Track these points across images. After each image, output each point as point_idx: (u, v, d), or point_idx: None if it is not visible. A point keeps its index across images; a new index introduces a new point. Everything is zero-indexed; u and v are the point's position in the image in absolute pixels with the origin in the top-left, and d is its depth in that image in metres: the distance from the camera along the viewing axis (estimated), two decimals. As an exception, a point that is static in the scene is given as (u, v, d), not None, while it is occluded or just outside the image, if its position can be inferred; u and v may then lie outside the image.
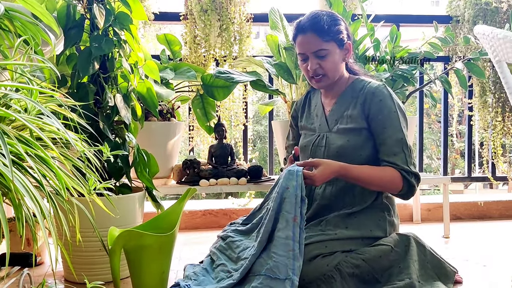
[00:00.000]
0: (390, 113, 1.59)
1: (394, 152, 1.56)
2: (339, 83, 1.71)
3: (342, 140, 1.63)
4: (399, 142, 1.56)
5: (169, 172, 2.25)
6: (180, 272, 1.75)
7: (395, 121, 1.58)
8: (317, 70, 1.64)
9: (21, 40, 1.11)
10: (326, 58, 1.63)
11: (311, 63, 1.64)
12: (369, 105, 1.61)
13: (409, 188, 1.56)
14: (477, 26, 1.67)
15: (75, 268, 1.59)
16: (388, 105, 1.59)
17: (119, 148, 1.64)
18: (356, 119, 1.63)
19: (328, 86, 1.71)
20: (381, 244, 1.51)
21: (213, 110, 2.28)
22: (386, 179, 1.55)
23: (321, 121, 1.72)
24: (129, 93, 1.72)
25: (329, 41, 1.62)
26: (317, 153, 1.69)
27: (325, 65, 1.64)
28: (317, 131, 1.73)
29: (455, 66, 2.25)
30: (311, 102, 1.83)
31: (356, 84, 1.69)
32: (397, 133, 1.57)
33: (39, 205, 0.97)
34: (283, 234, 1.43)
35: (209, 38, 2.46)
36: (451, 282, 1.54)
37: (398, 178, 1.55)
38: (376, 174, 1.56)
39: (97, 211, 1.40)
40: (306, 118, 1.81)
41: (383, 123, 1.58)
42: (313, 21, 1.63)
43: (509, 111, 2.77)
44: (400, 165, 1.55)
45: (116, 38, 1.65)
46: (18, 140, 0.99)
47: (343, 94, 1.70)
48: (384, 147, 1.58)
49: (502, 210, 2.78)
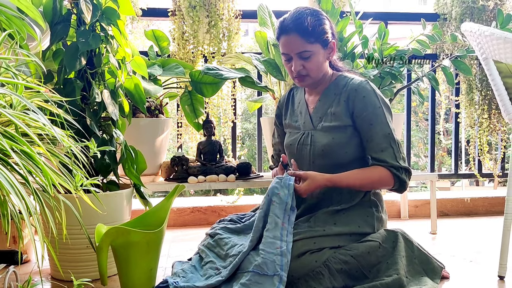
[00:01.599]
0: (375, 109, 1.59)
1: (382, 148, 1.56)
2: (323, 80, 1.71)
3: (327, 138, 1.63)
4: (386, 138, 1.57)
5: (157, 169, 2.24)
6: (168, 269, 1.75)
7: (380, 117, 1.58)
8: (300, 71, 1.63)
9: (6, 34, 1.09)
10: (310, 59, 1.62)
11: (294, 64, 1.63)
12: (353, 102, 1.61)
13: (400, 184, 1.58)
14: (464, 23, 1.68)
15: (62, 265, 1.58)
16: (373, 101, 1.60)
17: (106, 144, 1.63)
18: (340, 116, 1.63)
19: (312, 85, 1.70)
20: (369, 240, 1.52)
21: (202, 107, 2.28)
22: (376, 180, 1.57)
23: (305, 118, 1.72)
24: (116, 89, 1.70)
25: (313, 42, 1.60)
26: (302, 152, 1.69)
27: (308, 66, 1.62)
28: (302, 129, 1.73)
29: (443, 64, 2.27)
30: (295, 99, 1.83)
31: (339, 80, 1.69)
32: (384, 129, 1.58)
33: (25, 202, 0.96)
34: (271, 234, 1.46)
35: (197, 34, 2.45)
36: (438, 278, 1.55)
37: (388, 176, 1.56)
38: (365, 177, 1.57)
39: (84, 208, 1.39)
40: (290, 116, 1.80)
41: (369, 119, 1.59)
42: (297, 22, 1.59)
43: (495, 109, 2.80)
44: (389, 162, 1.55)
45: (103, 33, 1.63)
46: (3, 136, 0.98)
47: (326, 91, 1.70)
48: (372, 144, 1.58)
49: (488, 207, 2.81)
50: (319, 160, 1.65)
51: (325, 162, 1.63)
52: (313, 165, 1.66)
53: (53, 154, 1.20)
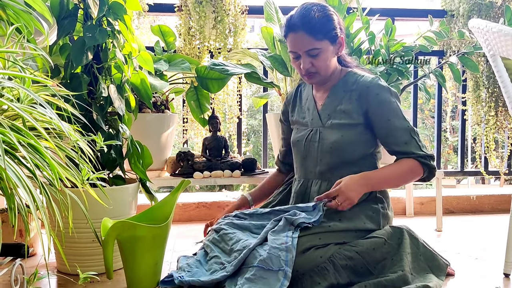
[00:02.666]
0: (391, 104, 1.58)
1: (405, 141, 1.56)
2: (332, 77, 1.70)
3: (336, 135, 1.63)
4: (406, 130, 1.57)
5: (163, 164, 2.25)
6: (174, 263, 1.75)
7: (397, 111, 1.58)
8: (309, 69, 1.62)
9: (13, 28, 1.10)
10: (318, 56, 1.60)
11: (303, 62, 1.61)
12: (366, 100, 1.60)
13: (429, 171, 1.57)
14: (472, 20, 1.67)
15: (68, 259, 1.59)
16: (387, 97, 1.59)
17: (112, 139, 1.63)
18: (351, 114, 1.62)
19: (321, 82, 1.70)
20: (375, 237, 1.51)
21: (207, 103, 2.28)
22: (408, 172, 1.57)
23: (313, 115, 1.71)
24: (123, 84, 1.70)
25: (321, 39, 1.58)
26: (310, 149, 1.68)
27: (317, 63, 1.61)
28: (310, 125, 1.72)
29: (450, 60, 2.25)
30: (302, 96, 1.82)
31: (349, 77, 1.68)
32: (402, 123, 1.57)
33: (32, 195, 0.96)
34: (278, 229, 1.47)
35: (203, 30, 2.45)
36: (443, 275, 1.55)
37: (417, 166, 1.56)
38: (398, 171, 1.57)
39: (90, 202, 1.39)
40: (298, 112, 1.80)
41: (386, 115, 1.58)
42: (304, 19, 1.58)
43: (502, 106, 2.79)
44: (415, 152, 1.55)
45: (110, 28, 1.63)
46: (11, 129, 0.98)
47: (335, 88, 1.69)
48: (393, 139, 1.58)
49: (494, 204, 2.80)
50: (327, 157, 1.64)
51: (333, 160, 1.63)
52: (320, 162, 1.65)
53: (60, 148, 1.20)
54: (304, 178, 1.70)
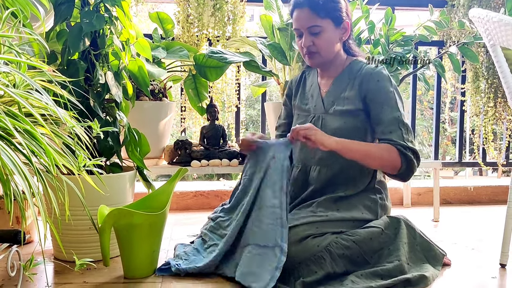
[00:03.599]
0: (388, 93, 1.58)
1: (391, 130, 1.54)
2: (336, 64, 1.69)
3: (339, 122, 1.62)
4: (395, 120, 1.55)
5: (161, 153, 2.24)
6: (171, 251, 1.75)
7: (392, 101, 1.57)
8: (310, 47, 1.63)
9: (9, 12, 1.08)
10: (319, 35, 1.61)
11: (305, 39, 1.63)
12: (366, 86, 1.60)
13: (408, 164, 1.51)
14: (472, 9, 1.66)
15: (64, 246, 1.59)
16: (386, 85, 1.59)
17: (109, 126, 1.62)
18: (353, 100, 1.62)
19: (321, 64, 1.69)
20: (372, 226, 1.51)
21: (206, 91, 2.27)
22: (384, 155, 1.52)
23: (317, 102, 1.71)
24: (120, 71, 1.69)
25: (324, 17, 1.60)
26: None
27: (318, 42, 1.62)
28: (312, 112, 1.71)
29: (449, 51, 2.24)
30: (306, 82, 1.81)
31: (354, 65, 1.68)
32: (393, 112, 1.56)
33: (28, 182, 0.96)
34: (269, 203, 1.48)
35: (202, 17, 2.43)
36: (440, 265, 1.56)
37: (395, 153, 1.51)
38: (372, 147, 1.55)
39: (87, 189, 1.39)
40: (300, 98, 1.79)
41: (381, 103, 1.57)
42: None
43: (501, 97, 2.78)
44: (396, 141, 1.52)
45: (108, 14, 1.62)
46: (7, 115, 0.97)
47: (340, 75, 1.69)
48: (381, 126, 1.57)
49: (491, 195, 2.81)
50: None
51: None
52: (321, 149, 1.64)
53: (56, 134, 1.19)
54: (303, 164, 1.70)
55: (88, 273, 1.51)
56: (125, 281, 1.45)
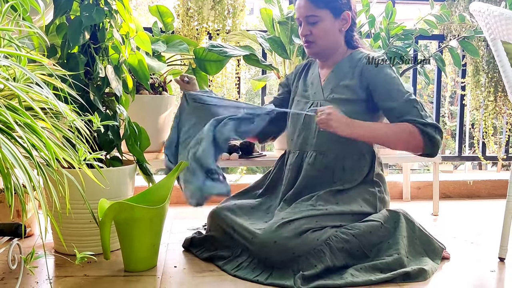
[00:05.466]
0: (392, 79, 1.59)
1: (406, 111, 1.54)
2: (335, 54, 1.70)
3: None
4: (407, 102, 1.55)
5: (161, 147, 2.24)
6: (171, 245, 1.76)
7: (397, 85, 1.58)
8: (307, 36, 1.66)
9: (8, 5, 1.08)
10: (317, 24, 1.63)
11: (302, 28, 1.66)
12: (368, 74, 1.61)
13: (431, 141, 1.51)
14: (473, 3, 1.65)
15: (65, 240, 1.59)
16: (388, 72, 1.60)
17: (109, 119, 1.62)
18: (353, 89, 1.62)
19: (318, 53, 1.70)
20: (371, 220, 1.52)
21: (206, 85, 2.26)
22: (403, 135, 1.52)
23: (317, 89, 1.72)
24: (120, 64, 1.69)
25: (322, 8, 1.62)
26: (309, 120, 1.68)
27: (315, 32, 1.64)
28: (311, 98, 1.72)
29: (450, 45, 2.24)
30: (309, 71, 1.83)
31: (355, 55, 1.69)
32: (402, 95, 1.56)
33: (29, 175, 0.96)
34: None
35: (202, 11, 2.42)
36: (439, 258, 1.56)
37: (415, 131, 1.51)
38: (391, 131, 1.54)
39: (87, 183, 1.39)
40: (301, 85, 1.80)
41: (388, 89, 1.58)
42: None
43: (501, 91, 2.78)
44: (415, 120, 1.52)
45: (107, 8, 1.61)
46: (7, 108, 0.97)
47: (339, 64, 1.70)
48: (395, 111, 1.56)
49: (490, 189, 2.81)
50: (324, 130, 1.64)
51: (331, 134, 1.62)
52: (318, 135, 1.65)
53: (56, 128, 1.19)
54: (299, 149, 1.70)
55: (89, 266, 1.51)
56: (126, 274, 1.46)
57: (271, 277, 1.39)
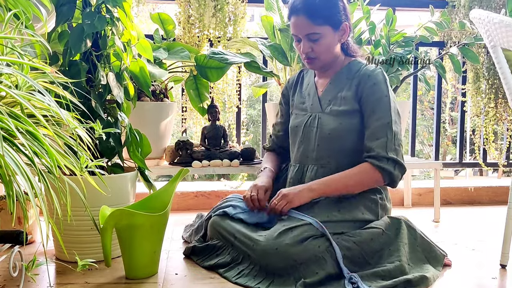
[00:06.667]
0: (382, 98, 1.58)
1: (377, 136, 1.56)
2: (334, 64, 1.70)
3: (335, 122, 1.63)
4: (384, 126, 1.56)
5: (162, 153, 2.25)
6: (172, 252, 1.76)
7: (385, 106, 1.58)
8: (309, 53, 1.63)
9: (11, 13, 1.09)
10: (318, 41, 1.61)
11: (303, 46, 1.63)
12: (362, 88, 1.61)
13: (389, 177, 1.56)
14: (473, 10, 1.66)
15: (66, 247, 1.59)
16: (381, 89, 1.59)
17: (111, 127, 1.63)
18: (349, 101, 1.63)
19: (322, 68, 1.70)
20: (373, 227, 1.52)
21: (207, 91, 2.27)
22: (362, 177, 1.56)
23: (313, 100, 1.71)
24: (121, 72, 1.69)
25: (322, 24, 1.60)
26: (309, 134, 1.68)
27: (317, 48, 1.62)
28: (309, 111, 1.72)
29: (450, 51, 2.25)
30: (304, 81, 1.82)
31: (353, 65, 1.69)
32: (384, 117, 1.57)
33: (31, 182, 0.96)
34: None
35: (203, 18, 2.44)
36: (440, 265, 1.56)
37: (373, 171, 1.55)
38: (349, 178, 1.57)
39: (89, 190, 1.39)
40: (298, 97, 1.79)
41: (373, 106, 1.58)
42: (307, 2, 1.59)
43: (502, 98, 2.78)
44: (374, 155, 1.54)
45: (109, 15, 1.62)
46: (9, 116, 0.98)
47: (337, 74, 1.69)
48: (369, 131, 1.58)
49: (491, 196, 2.81)
50: (324, 143, 1.64)
51: (330, 147, 1.63)
52: (317, 148, 1.65)
53: (58, 135, 1.20)
54: (300, 163, 1.70)
55: (90, 274, 1.51)
56: (127, 281, 1.46)
57: (272, 284, 1.38)
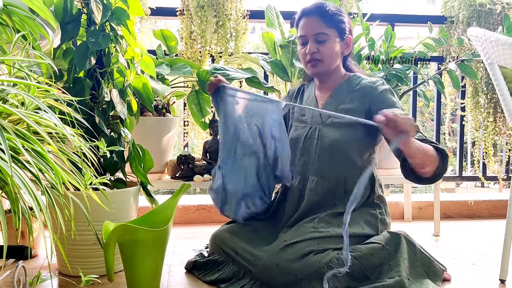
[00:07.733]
0: (393, 104, 1.61)
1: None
2: (334, 76, 1.73)
3: (336, 134, 1.65)
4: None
5: (164, 167, 2.26)
6: (174, 266, 1.77)
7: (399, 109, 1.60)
8: (314, 54, 1.67)
9: (19, 35, 1.12)
10: (325, 43, 1.66)
11: (310, 46, 1.67)
12: (369, 98, 1.64)
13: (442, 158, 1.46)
14: (470, 28, 1.69)
15: (69, 261, 1.60)
16: (389, 97, 1.63)
17: (114, 143, 1.65)
18: (352, 114, 1.64)
19: (322, 73, 1.72)
20: (373, 242, 1.53)
21: (208, 106, 2.29)
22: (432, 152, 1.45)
23: (314, 113, 1.74)
24: (125, 88, 1.72)
25: (331, 27, 1.66)
26: (309, 146, 1.70)
27: (323, 50, 1.66)
28: (309, 123, 1.74)
29: (449, 67, 2.27)
30: (304, 95, 1.85)
31: (353, 80, 1.72)
32: None
33: (36, 199, 0.98)
34: None
35: (205, 34, 2.47)
36: (440, 280, 1.57)
37: (433, 150, 1.46)
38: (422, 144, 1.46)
39: (92, 205, 1.41)
40: (298, 109, 1.82)
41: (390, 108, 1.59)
42: (319, 6, 1.68)
43: (500, 112, 2.80)
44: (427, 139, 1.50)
45: (113, 33, 1.65)
46: (16, 135, 1.00)
47: (338, 88, 1.72)
48: None
49: (491, 210, 2.81)
50: (325, 155, 1.66)
51: (331, 158, 1.65)
52: (318, 159, 1.67)
53: (63, 152, 1.22)
54: (300, 174, 1.72)
55: (92, 288, 1.52)
56: (129, 296, 1.47)
57: (273, 299, 1.39)
